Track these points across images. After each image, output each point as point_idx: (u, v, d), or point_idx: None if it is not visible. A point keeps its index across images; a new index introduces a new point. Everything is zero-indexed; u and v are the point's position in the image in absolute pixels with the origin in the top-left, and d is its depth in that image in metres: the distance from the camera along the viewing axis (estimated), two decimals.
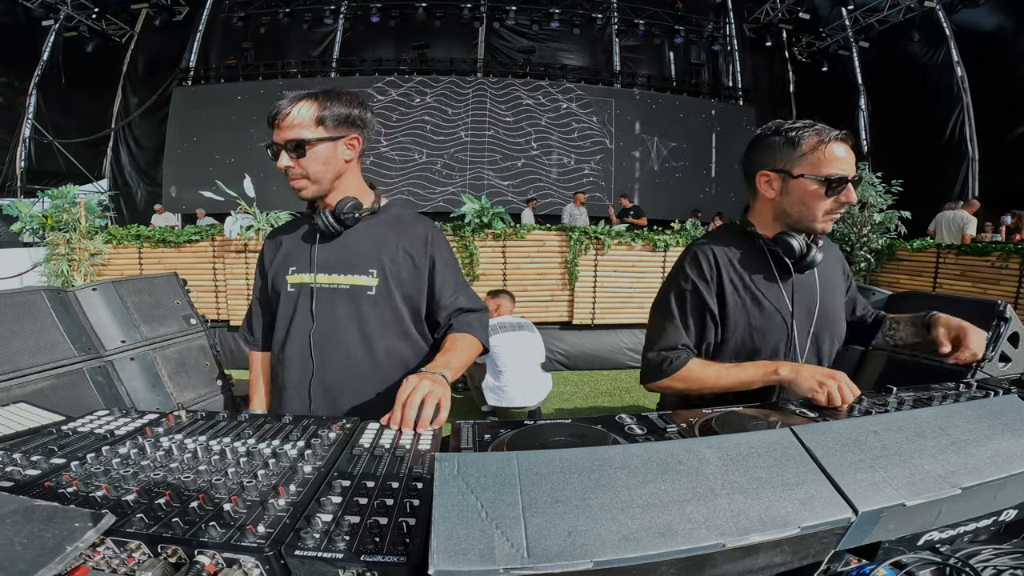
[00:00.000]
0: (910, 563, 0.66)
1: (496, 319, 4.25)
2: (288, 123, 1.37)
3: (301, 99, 1.39)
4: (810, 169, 1.30)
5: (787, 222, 1.39)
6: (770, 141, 1.37)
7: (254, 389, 1.67)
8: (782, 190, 1.36)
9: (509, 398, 3.97)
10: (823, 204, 1.31)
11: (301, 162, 1.39)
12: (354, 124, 1.44)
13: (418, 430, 0.97)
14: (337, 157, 1.44)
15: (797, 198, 1.34)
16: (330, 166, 1.43)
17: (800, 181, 1.31)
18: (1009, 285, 5.55)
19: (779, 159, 1.35)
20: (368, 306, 1.48)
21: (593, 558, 0.49)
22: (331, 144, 1.41)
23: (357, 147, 1.47)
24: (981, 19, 10.69)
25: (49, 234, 5.47)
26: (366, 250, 1.49)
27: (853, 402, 1.12)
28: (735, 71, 14.71)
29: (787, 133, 1.34)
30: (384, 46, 13.38)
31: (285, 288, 1.52)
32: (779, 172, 1.35)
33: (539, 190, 13.24)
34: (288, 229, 1.62)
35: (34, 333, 1.84)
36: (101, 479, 0.74)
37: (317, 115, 1.38)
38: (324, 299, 1.48)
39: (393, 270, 1.49)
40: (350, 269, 1.48)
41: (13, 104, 11.39)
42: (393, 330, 1.51)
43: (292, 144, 1.37)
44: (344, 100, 1.42)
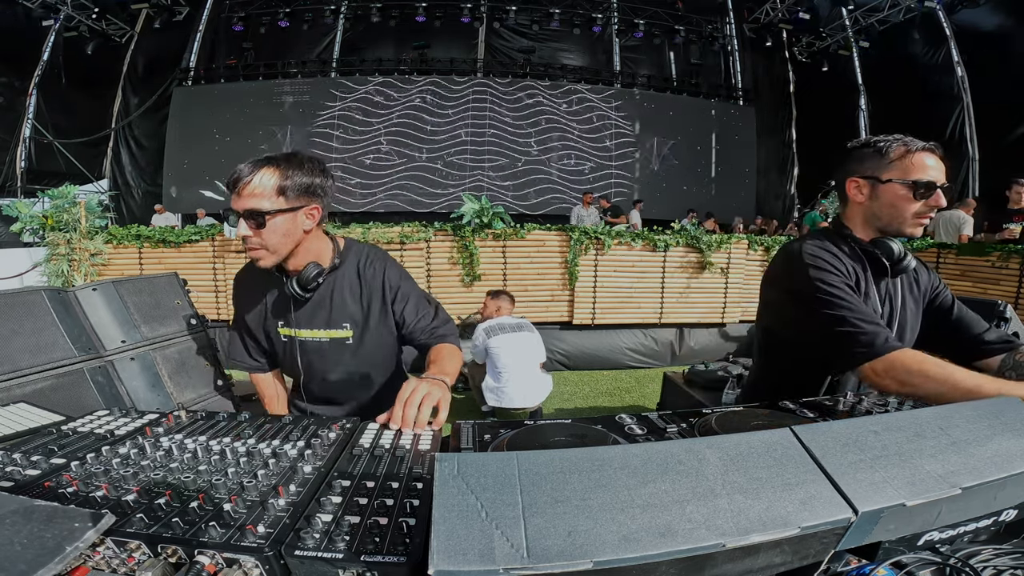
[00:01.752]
0: (910, 563, 0.66)
1: (496, 320, 4.25)
2: (249, 191, 1.34)
3: (263, 166, 1.36)
4: (898, 174, 1.39)
5: (877, 225, 1.46)
6: (859, 152, 1.47)
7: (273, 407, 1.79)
8: (871, 195, 1.44)
9: (509, 398, 3.97)
10: (912, 207, 1.39)
11: (261, 233, 1.36)
12: (314, 194, 1.43)
13: (416, 430, 0.96)
14: (296, 228, 1.42)
15: (887, 201, 1.41)
16: (289, 237, 1.41)
17: (889, 185, 1.39)
18: (1009, 285, 5.55)
19: (868, 167, 1.44)
20: (348, 354, 1.63)
21: (593, 558, 0.49)
22: (291, 215, 1.39)
23: (317, 216, 1.46)
24: (981, 19, 10.68)
25: (49, 234, 5.47)
26: (336, 306, 1.58)
27: (853, 402, 1.12)
28: (735, 71, 14.71)
29: (876, 144, 1.43)
30: (384, 46, 13.39)
31: (279, 339, 1.65)
32: (868, 179, 1.44)
33: (540, 191, 13.24)
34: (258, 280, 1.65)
35: (34, 333, 1.83)
36: (101, 479, 0.74)
37: (279, 185, 1.35)
38: (310, 351, 1.63)
39: (363, 321, 1.60)
40: (327, 324, 1.59)
41: (13, 104, 11.38)
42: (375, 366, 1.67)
43: (251, 214, 1.34)
44: (306, 169, 1.40)
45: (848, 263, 1.44)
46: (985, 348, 1.44)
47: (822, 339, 1.35)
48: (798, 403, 1.14)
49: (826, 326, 1.33)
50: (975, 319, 1.51)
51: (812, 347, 1.41)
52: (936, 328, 1.55)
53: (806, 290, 1.38)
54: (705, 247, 6.15)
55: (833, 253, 1.43)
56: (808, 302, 1.37)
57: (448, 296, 5.80)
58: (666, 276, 6.23)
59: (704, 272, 6.28)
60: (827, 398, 1.19)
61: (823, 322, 1.33)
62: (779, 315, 1.56)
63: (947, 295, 1.58)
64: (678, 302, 6.32)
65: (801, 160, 14.92)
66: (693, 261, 6.25)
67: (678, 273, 6.26)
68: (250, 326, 1.69)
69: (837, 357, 1.33)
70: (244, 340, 1.73)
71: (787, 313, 1.50)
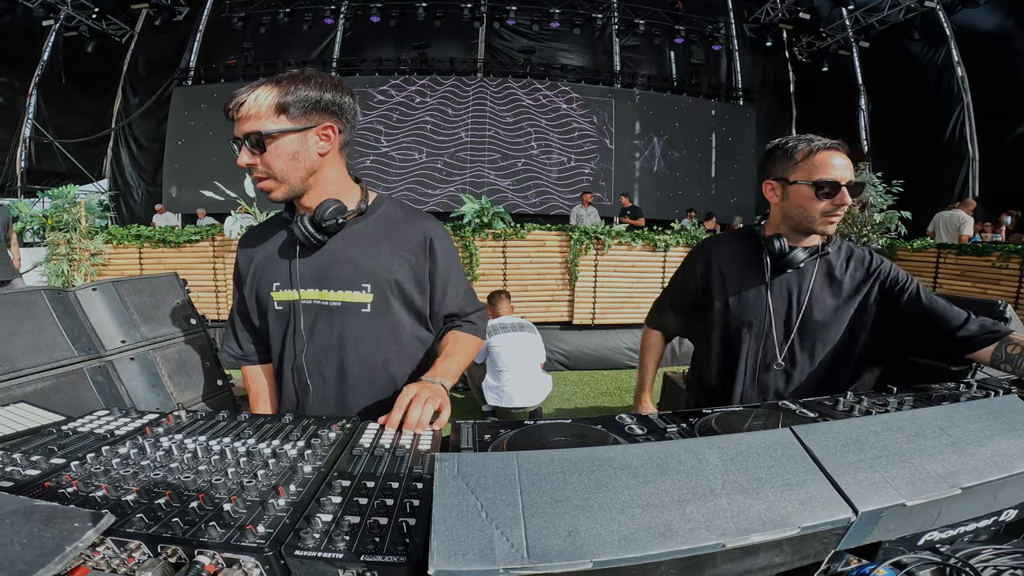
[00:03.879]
0: (910, 563, 0.66)
1: (496, 320, 4.26)
2: (244, 113, 1.17)
3: (260, 85, 1.19)
4: (803, 175, 1.44)
5: (791, 224, 1.52)
6: (772, 154, 1.54)
7: (256, 407, 1.51)
8: (783, 196, 1.50)
9: (509, 398, 3.98)
10: (818, 206, 1.44)
11: (264, 159, 1.20)
12: (327, 110, 1.22)
13: (416, 431, 0.96)
14: (308, 151, 1.22)
15: (795, 202, 1.47)
16: (299, 162, 1.22)
17: (795, 187, 1.46)
18: (1009, 285, 5.55)
19: (778, 168, 1.51)
20: (363, 325, 1.33)
21: (593, 558, 0.49)
22: (298, 136, 1.20)
23: (333, 138, 1.25)
24: (981, 19, 10.69)
25: (49, 234, 5.47)
26: (357, 261, 1.31)
27: (853, 402, 1.12)
28: (735, 71, 14.71)
29: (784, 146, 1.50)
30: (384, 46, 13.39)
31: (272, 306, 1.35)
32: (779, 180, 1.51)
33: (539, 191, 13.24)
34: (263, 234, 1.41)
35: (34, 333, 1.83)
36: (101, 479, 0.74)
37: (278, 102, 1.17)
38: (312, 317, 1.32)
39: (390, 282, 1.32)
40: (340, 284, 1.31)
41: (13, 104, 11.39)
42: (390, 348, 1.37)
43: (251, 138, 1.18)
44: (313, 83, 1.21)
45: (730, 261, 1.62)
46: (970, 340, 1.36)
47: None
48: (798, 403, 1.14)
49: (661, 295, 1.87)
50: (952, 310, 1.43)
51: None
52: (910, 322, 1.46)
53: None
54: None
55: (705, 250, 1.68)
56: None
57: None
58: (666, 276, 6.23)
59: None
60: (827, 398, 1.18)
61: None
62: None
63: (912, 286, 1.50)
64: None
65: None
66: None
67: None
68: (244, 298, 1.43)
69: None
70: (235, 325, 1.48)
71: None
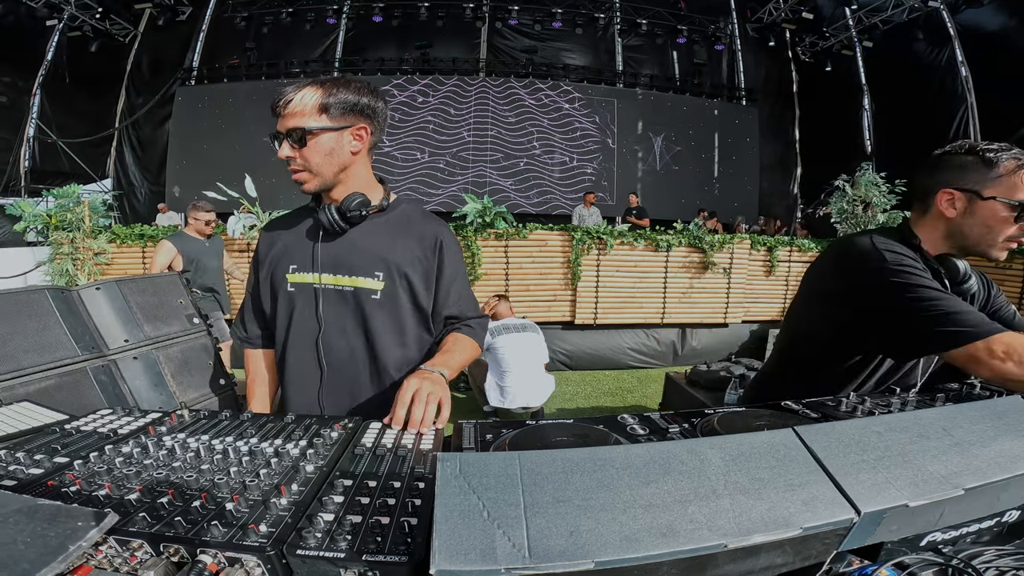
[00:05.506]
0: (913, 564, 0.66)
1: (501, 320, 4.26)
2: (290, 110, 1.29)
3: (306, 86, 1.30)
4: (1003, 192, 1.24)
5: (961, 243, 1.33)
6: (959, 159, 1.31)
7: (252, 390, 1.61)
8: (966, 210, 1.30)
9: (512, 399, 3.98)
10: (1008, 230, 1.26)
11: (303, 153, 1.31)
12: (362, 113, 1.34)
13: (420, 429, 0.97)
14: (342, 148, 1.34)
15: (981, 220, 1.28)
16: (334, 158, 1.33)
17: (989, 203, 1.25)
18: (1013, 285, 5.53)
19: (969, 179, 1.28)
20: (373, 310, 1.41)
21: (595, 558, 0.49)
22: (336, 134, 1.32)
23: (365, 138, 1.37)
24: (985, 19, 10.64)
25: (53, 233, 5.49)
26: (373, 251, 1.41)
27: (856, 402, 1.12)
28: (738, 71, 14.68)
29: (983, 153, 1.27)
30: (387, 46, 13.39)
31: (284, 287, 1.44)
32: (966, 192, 1.28)
33: (542, 191, 13.24)
34: (288, 223, 1.51)
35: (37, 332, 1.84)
36: (104, 478, 0.74)
37: (321, 102, 1.29)
38: (329, 301, 1.41)
39: (400, 273, 1.41)
40: (355, 271, 1.40)
41: (17, 104, 11.41)
42: (393, 337, 1.44)
43: (294, 133, 1.29)
44: (352, 88, 1.33)
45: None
46: None
47: (910, 323, 1.23)
48: (800, 404, 1.14)
49: (918, 310, 1.21)
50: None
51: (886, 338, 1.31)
52: None
53: (885, 278, 1.27)
54: (708, 247, 6.14)
55: (905, 249, 1.32)
56: (890, 289, 1.26)
57: None
58: (668, 276, 6.23)
59: (707, 272, 6.27)
60: (830, 399, 1.18)
61: (913, 306, 1.22)
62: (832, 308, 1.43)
63: (1009, 309, 1.47)
64: (680, 302, 6.32)
65: (804, 160, 14.89)
66: (696, 261, 6.25)
67: (681, 273, 6.26)
68: (258, 282, 1.52)
69: (932, 340, 1.20)
70: (245, 308, 1.59)
71: (845, 306, 1.37)
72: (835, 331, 1.42)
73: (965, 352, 1.16)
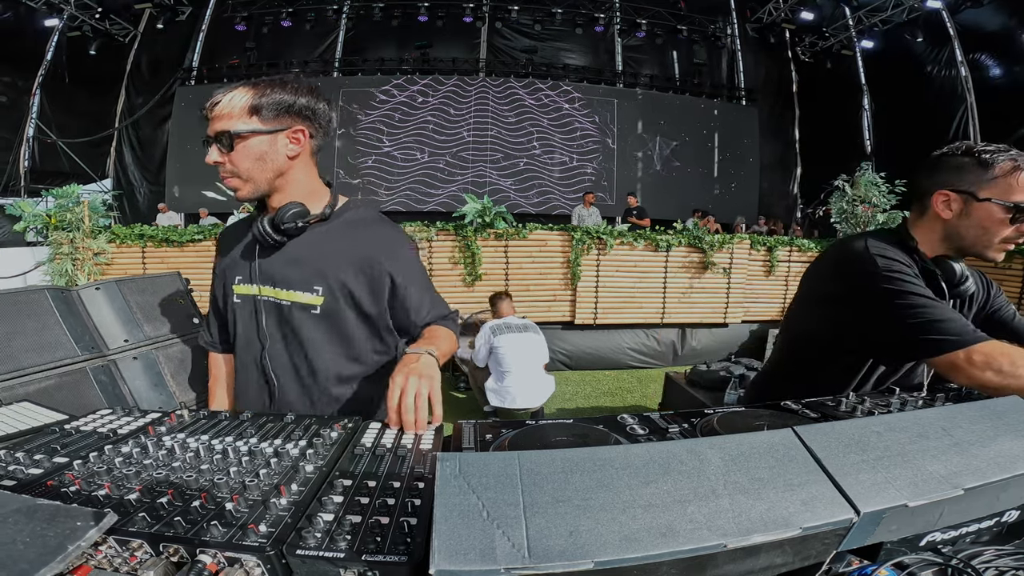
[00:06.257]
0: (912, 564, 0.66)
1: (501, 320, 4.26)
2: (218, 113, 1.21)
3: (237, 87, 1.23)
4: (999, 194, 1.24)
5: (957, 245, 1.34)
6: (956, 161, 1.31)
7: (213, 391, 1.58)
8: (961, 212, 1.30)
9: (512, 399, 3.98)
10: (1004, 231, 1.26)
11: (231, 158, 1.23)
12: (299, 115, 1.26)
13: (417, 432, 0.97)
14: (275, 153, 1.25)
15: (977, 222, 1.28)
16: (267, 163, 1.25)
17: (985, 205, 1.26)
18: (1013, 285, 5.53)
19: (965, 180, 1.29)
20: (313, 324, 1.34)
21: (594, 558, 0.49)
22: (268, 138, 1.23)
23: (303, 141, 1.28)
24: (985, 19, 10.65)
25: (53, 233, 5.49)
26: (311, 264, 1.32)
27: (855, 402, 1.12)
28: (738, 71, 14.69)
29: (979, 155, 1.27)
30: (387, 46, 13.40)
31: (232, 298, 1.40)
32: (962, 193, 1.29)
33: (541, 191, 13.24)
34: (238, 230, 1.45)
35: (37, 332, 1.84)
36: (104, 478, 0.74)
37: (251, 104, 1.21)
38: (271, 314, 1.36)
39: (342, 287, 1.33)
40: (292, 285, 1.33)
41: (17, 104, 11.42)
42: (339, 351, 1.38)
43: (222, 137, 1.21)
44: (289, 88, 1.25)
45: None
46: None
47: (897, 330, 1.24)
48: (800, 404, 1.14)
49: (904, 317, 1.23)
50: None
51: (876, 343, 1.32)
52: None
53: (877, 284, 1.28)
54: (708, 247, 6.15)
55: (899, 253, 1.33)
56: (880, 295, 1.27)
57: (450, 296, 5.81)
58: (668, 276, 6.23)
59: (706, 272, 6.27)
60: (830, 399, 1.18)
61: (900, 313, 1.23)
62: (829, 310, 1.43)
63: (1008, 308, 1.49)
64: (680, 302, 6.32)
65: (804, 160, 14.90)
66: (695, 261, 6.25)
67: (680, 273, 6.26)
68: (214, 290, 1.49)
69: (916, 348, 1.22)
70: (210, 309, 1.55)
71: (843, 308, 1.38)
72: (834, 332, 1.43)
73: (946, 360, 1.17)
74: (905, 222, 1.45)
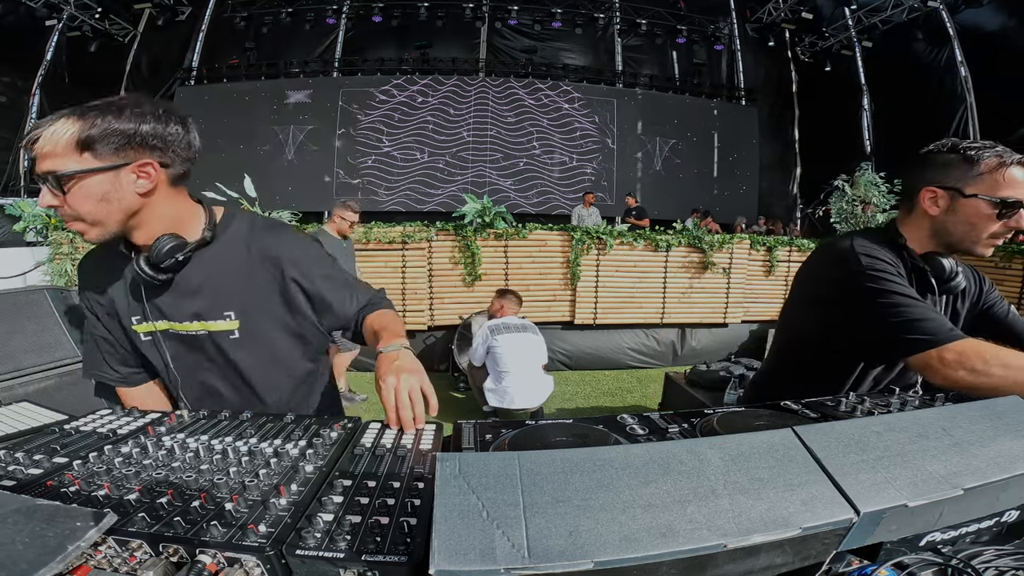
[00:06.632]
0: (912, 564, 0.66)
1: (499, 320, 4.26)
2: (39, 150, 1.01)
3: (60, 117, 1.01)
4: (985, 190, 1.26)
5: (946, 241, 1.35)
6: (943, 158, 1.33)
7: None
8: (948, 208, 1.32)
9: (511, 400, 3.98)
10: (991, 227, 1.28)
11: (67, 200, 1.02)
12: (144, 145, 1.06)
13: (417, 427, 0.97)
14: (122, 192, 1.06)
15: (964, 218, 1.29)
16: (112, 204, 1.06)
17: (971, 201, 1.27)
18: (1013, 285, 5.53)
19: (951, 176, 1.30)
20: (236, 348, 1.26)
21: (594, 558, 0.49)
22: (108, 176, 1.03)
23: (155, 175, 1.09)
24: (985, 19, 10.65)
25: (52, 234, 5.48)
26: (214, 291, 1.22)
27: (855, 402, 1.12)
28: (737, 71, 14.69)
29: (965, 151, 1.29)
30: (386, 46, 13.39)
31: (139, 338, 1.27)
32: (949, 190, 1.30)
33: (541, 191, 13.24)
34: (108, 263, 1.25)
35: (37, 332, 1.84)
36: (103, 478, 0.74)
37: (79, 138, 1.00)
38: (185, 346, 1.26)
39: (255, 307, 1.25)
40: (202, 316, 1.22)
41: (16, 104, 11.41)
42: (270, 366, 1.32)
43: (48, 178, 1.01)
44: (127, 115, 1.04)
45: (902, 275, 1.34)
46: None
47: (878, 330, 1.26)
48: (800, 404, 1.14)
49: (885, 316, 1.24)
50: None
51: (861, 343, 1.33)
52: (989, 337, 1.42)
53: (861, 283, 1.29)
54: (707, 247, 6.15)
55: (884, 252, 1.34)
56: (863, 295, 1.29)
57: (450, 296, 5.81)
58: (668, 276, 6.23)
59: (706, 272, 6.27)
60: (829, 399, 1.18)
61: (881, 313, 1.24)
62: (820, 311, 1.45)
63: (1002, 305, 1.50)
64: (680, 302, 6.32)
65: (804, 160, 14.90)
66: (695, 261, 6.25)
67: (680, 273, 6.26)
68: (104, 325, 1.30)
69: (896, 347, 1.23)
70: (101, 349, 1.32)
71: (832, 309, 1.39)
72: (823, 333, 1.44)
73: (921, 359, 1.18)
74: (894, 221, 1.47)
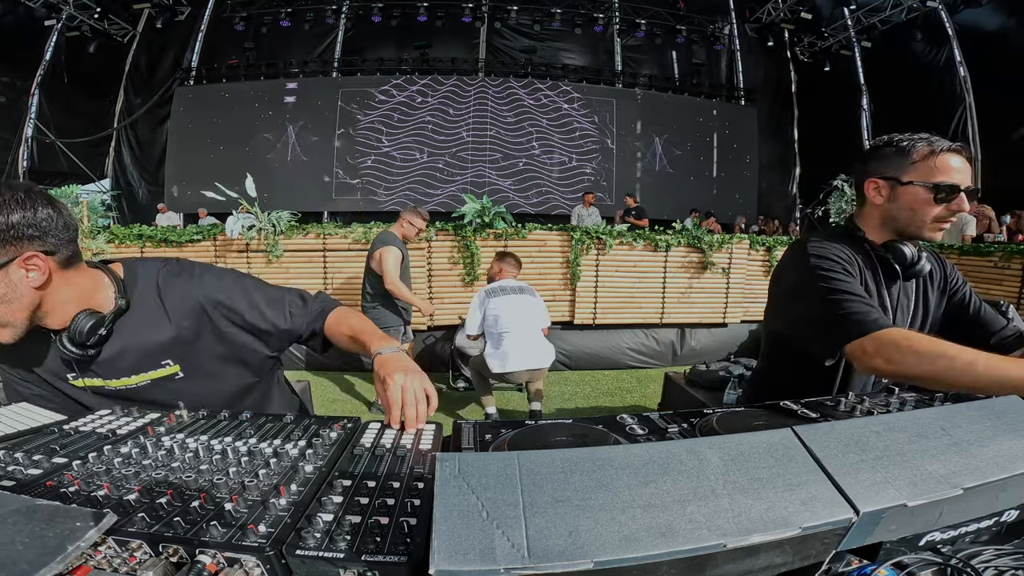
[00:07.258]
0: (911, 564, 0.66)
1: (496, 283, 4.13)
2: None
3: None
4: (920, 177, 1.34)
5: (895, 228, 1.42)
6: (881, 151, 1.42)
7: None
8: (890, 196, 1.40)
9: (513, 361, 3.83)
10: (932, 210, 1.34)
11: None
12: (21, 237, 0.96)
13: (419, 426, 0.97)
14: (13, 289, 0.98)
15: (905, 204, 1.37)
16: (13, 304, 0.99)
17: (909, 188, 1.35)
18: (1012, 285, 5.53)
19: (888, 167, 1.39)
20: (182, 389, 1.24)
21: (594, 558, 0.49)
22: None
23: (44, 265, 1.00)
24: (984, 19, 10.66)
25: None
26: (144, 350, 1.19)
27: (855, 402, 1.12)
28: (737, 71, 14.69)
29: (898, 144, 1.38)
30: (386, 46, 13.39)
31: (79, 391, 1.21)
32: (887, 179, 1.39)
33: (541, 191, 13.25)
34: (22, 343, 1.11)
35: None
36: (103, 478, 0.74)
37: None
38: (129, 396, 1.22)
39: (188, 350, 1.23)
40: (139, 370, 1.20)
41: (15, 104, 11.40)
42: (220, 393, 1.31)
43: None
44: None
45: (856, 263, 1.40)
46: (1003, 344, 1.43)
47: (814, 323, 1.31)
48: (799, 403, 1.14)
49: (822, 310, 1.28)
50: (993, 316, 1.51)
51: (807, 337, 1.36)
52: (954, 324, 1.53)
53: (806, 280, 1.35)
54: (707, 247, 6.15)
55: (838, 247, 1.40)
56: (807, 291, 1.35)
57: (450, 296, 5.80)
58: (668, 276, 6.22)
59: (706, 272, 6.27)
60: (828, 399, 1.19)
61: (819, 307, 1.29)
62: (783, 311, 1.53)
63: (966, 290, 1.56)
64: (679, 302, 6.32)
65: (803, 160, 14.91)
66: (695, 261, 6.25)
67: (680, 273, 6.26)
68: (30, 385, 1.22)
69: (826, 339, 1.27)
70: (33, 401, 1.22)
71: (789, 308, 1.46)
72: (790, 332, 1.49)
73: (849, 349, 1.22)
74: (852, 216, 1.54)
